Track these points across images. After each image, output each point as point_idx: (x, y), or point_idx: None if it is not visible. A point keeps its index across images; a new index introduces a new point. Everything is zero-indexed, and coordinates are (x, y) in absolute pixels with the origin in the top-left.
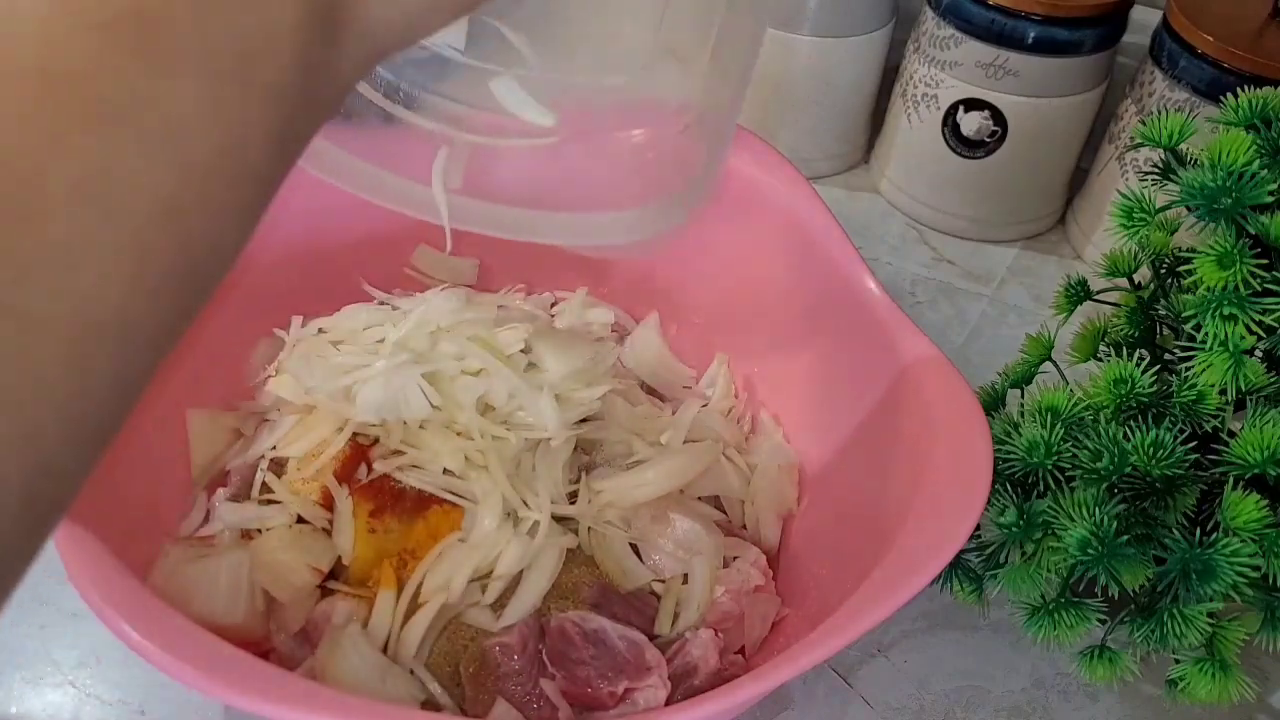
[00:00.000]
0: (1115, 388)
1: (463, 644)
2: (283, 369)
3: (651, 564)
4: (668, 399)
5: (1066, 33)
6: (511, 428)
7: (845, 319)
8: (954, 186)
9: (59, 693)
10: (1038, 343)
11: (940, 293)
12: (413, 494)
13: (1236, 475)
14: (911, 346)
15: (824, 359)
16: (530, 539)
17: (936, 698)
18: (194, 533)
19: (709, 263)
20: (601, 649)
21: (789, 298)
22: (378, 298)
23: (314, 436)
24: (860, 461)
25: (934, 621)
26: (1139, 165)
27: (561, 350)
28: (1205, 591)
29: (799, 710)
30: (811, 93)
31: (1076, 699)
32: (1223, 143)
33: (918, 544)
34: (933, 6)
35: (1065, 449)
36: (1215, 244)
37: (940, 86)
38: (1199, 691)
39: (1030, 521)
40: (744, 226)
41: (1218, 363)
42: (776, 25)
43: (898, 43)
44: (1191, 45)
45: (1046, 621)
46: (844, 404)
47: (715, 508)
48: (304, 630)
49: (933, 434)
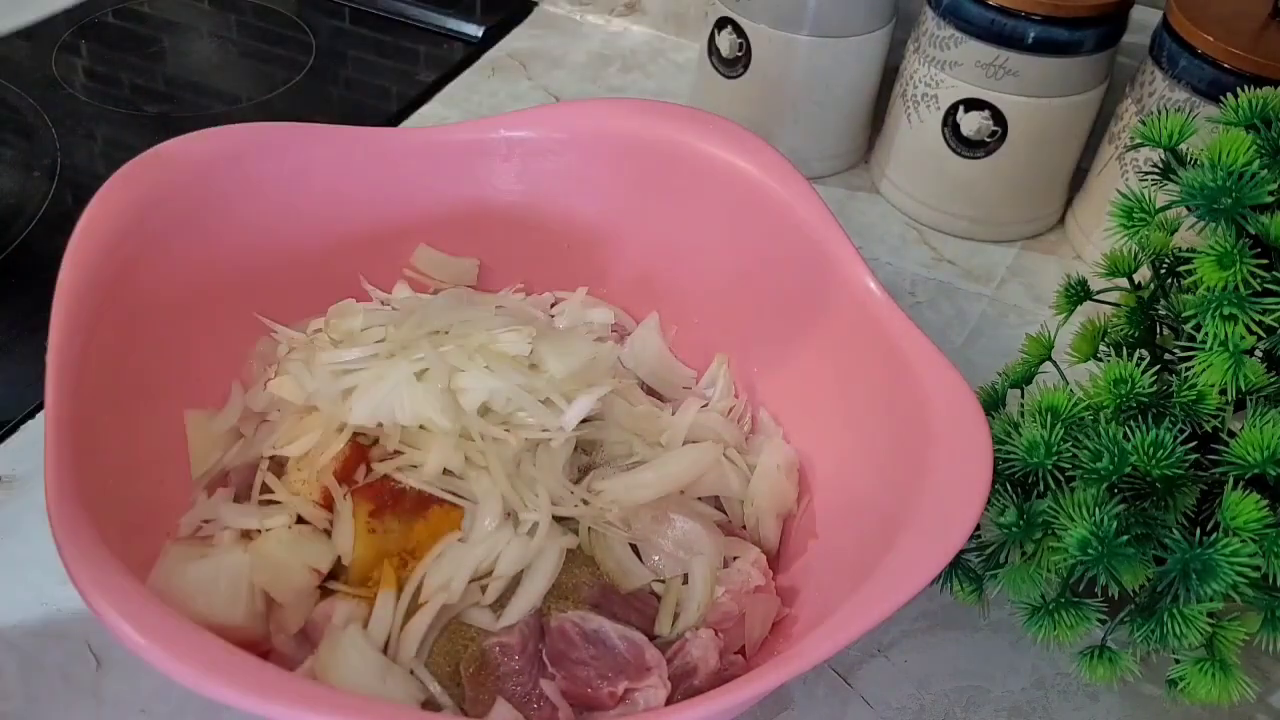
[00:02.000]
0: (1115, 388)
1: (463, 644)
2: (282, 369)
3: (651, 564)
4: (668, 399)
5: (1066, 33)
6: (511, 428)
7: (845, 319)
8: (954, 186)
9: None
10: (1038, 343)
11: (940, 293)
12: (413, 494)
13: (1236, 475)
14: (912, 347)
15: (824, 359)
16: (530, 539)
17: (936, 698)
18: (194, 533)
19: (709, 263)
20: (601, 649)
21: (789, 298)
22: (378, 298)
23: (314, 437)
24: (860, 461)
25: (934, 621)
26: (1139, 165)
27: (561, 350)
28: (1205, 591)
29: (799, 710)
30: (811, 93)
31: (1076, 699)
32: (1223, 143)
33: (918, 544)
34: (933, 6)
35: (1065, 449)
36: (1215, 244)
37: (940, 86)
38: (1199, 691)
39: (1030, 521)
40: (744, 227)
41: (1218, 363)
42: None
43: (898, 43)
44: (1191, 45)
45: (1046, 621)
46: (844, 404)
47: (715, 508)
48: (304, 630)
49: (933, 434)
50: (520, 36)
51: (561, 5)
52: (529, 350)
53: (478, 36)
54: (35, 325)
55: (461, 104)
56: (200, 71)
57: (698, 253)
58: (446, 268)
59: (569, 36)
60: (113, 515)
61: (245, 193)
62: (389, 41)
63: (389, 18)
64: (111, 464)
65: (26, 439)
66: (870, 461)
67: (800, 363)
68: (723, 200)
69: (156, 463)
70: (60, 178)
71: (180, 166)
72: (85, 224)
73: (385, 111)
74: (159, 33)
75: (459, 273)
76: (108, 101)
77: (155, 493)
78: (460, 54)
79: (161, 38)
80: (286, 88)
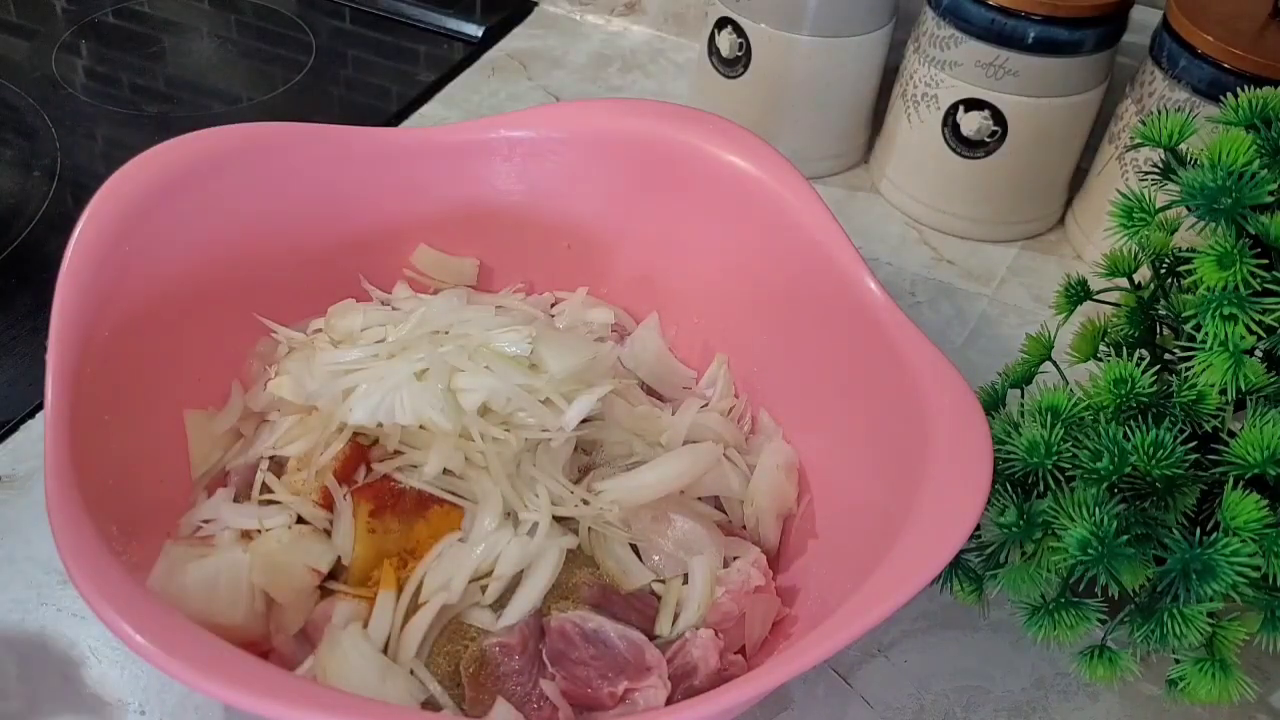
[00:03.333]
0: (1115, 388)
1: (462, 644)
2: (282, 369)
3: (652, 564)
4: (668, 399)
5: (1066, 33)
6: (511, 428)
7: (846, 319)
8: (954, 186)
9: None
10: (1038, 343)
11: (940, 293)
12: (413, 494)
13: (1236, 475)
14: (912, 347)
15: (824, 359)
16: (530, 539)
17: (936, 698)
18: (194, 533)
19: (709, 263)
20: (602, 649)
21: (789, 298)
22: (378, 298)
23: (314, 437)
24: (860, 461)
25: (934, 621)
26: (1139, 165)
27: (561, 350)
28: (1205, 591)
29: (799, 710)
30: (811, 93)
31: (1076, 699)
32: (1223, 143)
33: (918, 544)
34: (933, 6)
35: (1065, 449)
36: (1215, 244)
37: (940, 86)
38: (1199, 691)
39: (1030, 521)
40: (744, 227)
41: (1218, 363)
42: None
43: (898, 43)
44: (1191, 45)
45: (1046, 621)
46: (844, 404)
47: (715, 508)
48: (304, 630)
49: (933, 434)
50: (520, 36)
51: (561, 5)
52: (529, 350)
53: (478, 36)
54: (35, 325)
55: (461, 104)
56: (200, 71)
57: (698, 253)
58: (446, 268)
59: (569, 36)
60: (113, 515)
61: (245, 193)
62: (389, 41)
63: (389, 18)
64: (111, 464)
65: (26, 439)
66: (870, 461)
67: (800, 363)
68: (723, 200)
69: (156, 463)
70: (60, 178)
71: (180, 166)
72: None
73: (385, 111)
74: (159, 33)
75: (459, 273)
76: (108, 101)
77: (155, 493)
78: (460, 54)
79: (161, 38)
80: (286, 88)
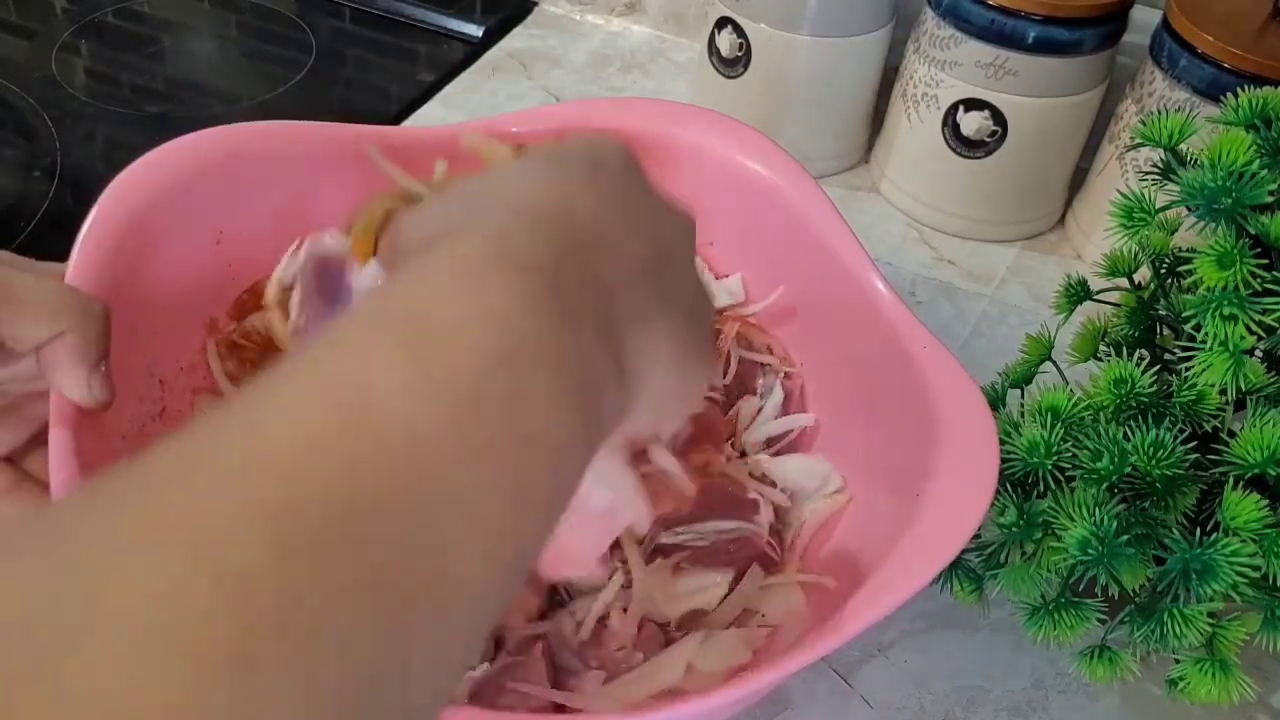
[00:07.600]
0: (1115, 388)
1: None
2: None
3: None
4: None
5: (1066, 33)
6: None
7: (853, 319)
8: (954, 186)
9: None
10: (1038, 343)
11: (940, 293)
12: None
13: (1236, 475)
14: (919, 347)
15: (829, 359)
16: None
17: (936, 698)
18: None
19: (714, 262)
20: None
21: (795, 298)
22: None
23: None
24: (867, 461)
25: (934, 621)
26: (1139, 165)
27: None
28: (1205, 591)
29: (799, 710)
30: (811, 93)
31: (1076, 699)
32: (1223, 143)
33: (919, 544)
34: (933, 6)
35: (1065, 449)
36: (1215, 244)
37: (940, 86)
38: (1199, 691)
39: (1030, 521)
40: (749, 226)
41: (1218, 363)
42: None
43: (898, 43)
44: (1191, 45)
45: (1046, 621)
46: (851, 403)
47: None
48: None
49: (939, 435)
50: (520, 36)
51: (561, 5)
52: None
53: (478, 36)
54: None
55: (461, 104)
56: (200, 71)
57: (702, 251)
58: None
59: (569, 36)
60: None
61: (247, 192)
62: (389, 41)
63: (389, 18)
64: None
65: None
66: (877, 461)
67: (805, 362)
68: (729, 199)
69: None
70: (60, 178)
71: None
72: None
73: (385, 111)
74: (159, 33)
75: None
76: (108, 101)
77: None
78: (460, 54)
79: (161, 38)
80: (286, 88)
